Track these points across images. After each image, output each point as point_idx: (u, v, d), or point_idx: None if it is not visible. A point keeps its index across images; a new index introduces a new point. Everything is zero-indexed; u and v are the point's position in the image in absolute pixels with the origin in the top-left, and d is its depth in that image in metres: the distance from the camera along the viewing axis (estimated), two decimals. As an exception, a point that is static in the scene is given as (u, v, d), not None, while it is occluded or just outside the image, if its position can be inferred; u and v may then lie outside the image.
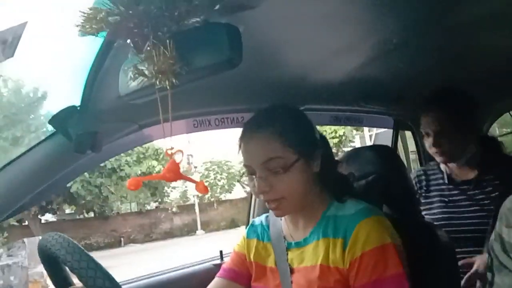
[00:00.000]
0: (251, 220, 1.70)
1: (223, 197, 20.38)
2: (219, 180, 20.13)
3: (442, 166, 1.65)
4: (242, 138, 1.05)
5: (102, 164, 14.76)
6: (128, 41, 0.76)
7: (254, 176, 1.02)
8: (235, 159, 19.68)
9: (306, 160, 1.01)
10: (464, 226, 1.51)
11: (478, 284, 1.41)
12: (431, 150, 1.56)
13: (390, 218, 1.04)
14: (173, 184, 18.43)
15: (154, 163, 16.25)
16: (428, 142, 1.57)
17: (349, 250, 0.97)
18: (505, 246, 0.74)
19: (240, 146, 1.06)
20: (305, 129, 1.06)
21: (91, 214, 17.69)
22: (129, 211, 19.06)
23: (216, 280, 1.20)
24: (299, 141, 1.01)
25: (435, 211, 1.60)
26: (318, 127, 1.13)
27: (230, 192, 20.40)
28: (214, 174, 20.12)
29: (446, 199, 1.59)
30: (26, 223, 14.77)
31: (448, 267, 1.11)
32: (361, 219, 0.98)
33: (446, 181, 1.61)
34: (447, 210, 1.57)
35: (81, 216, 17.76)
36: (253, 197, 1.77)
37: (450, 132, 1.50)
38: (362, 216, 0.98)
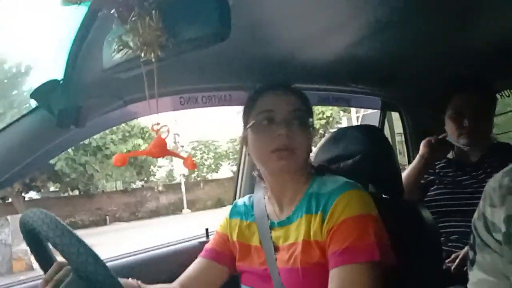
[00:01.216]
0: (237, 198, 1.71)
1: (209, 176, 20.43)
2: (206, 160, 20.14)
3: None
4: (266, 89, 1.11)
5: (86, 142, 14.64)
6: (113, 11, 0.73)
7: (275, 123, 1.05)
8: (222, 138, 19.69)
9: (313, 130, 1.11)
10: (467, 203, 1.59)
11: (455, 264, 1.46)
12: (460, 131, 1.63)
13: (376, 197, 1.04)
14: (159, 163, 18.41)
15: (140, 141, 16.13)
16: (456, 123, 1.63)
17: (327, 222, 0.98)
18: (488, 225, 0.75)
19: (258, 96, 1.11)
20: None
21: (76, 192, 17.58)
22: (114, 189, 18.99)
23: (198, 260, 1.22)
24: (311, 109, 1.14)
25: (440, 191, 1.69)
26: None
27: (217, 172, 20.45)
28: (201, 154, 20.10)
29: (451, 179, 1.70)
30: (10, 200, 14.62)
31: (431, 246, 1.13)
32: (340, 193, 1.00)
33: (453, 164, 1.71)
34: (452, 189, 1.67)
35: (66, 194, 17.64)
36: (240, 176, 1.76)
37: (485, 113, 1.61)
38: (342, 190, 1.00)
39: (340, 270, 0.93)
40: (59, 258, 0.88)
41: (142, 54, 0.71)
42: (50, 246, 0.89)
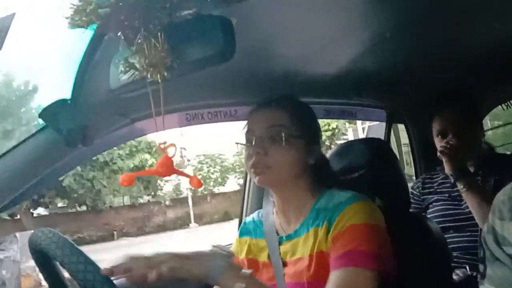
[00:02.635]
0: (244, 212, 1.70)
1: (216, 190, 20.41)
2: (212, 173, 20.15)
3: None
4: (252, 111, 1.12)
5: (94, 158, 14.72)
6: (119, 33, 0.74)
7: (252, 143, 1.06)
8: (229, 152, 19.72)
9: (307, 143, 1.07)
10: (465, 217, 1.57)
11: (456, 276, 1.44)
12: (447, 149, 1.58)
13: (382, 210, 1.04)
14: (166, 177, 18.40)
15: (147, 156, 16.20)
16: (443, 141, 1.60)
17: (332, 230, 0.99)
18: (498, 238, 0.74)
19: (248, 116, 1.12)
20: (311, 116, 1.15)
21: (84, 208, 17.61)
22: (121, 204, 19.00)
23: None
24: (305, 121, 1.09)
25: (437, 208, 1.67)
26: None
27: (224, 185, 20.44)
28: (207, 167, 20.13)
29: (447, 195, 1.67)
30: (18, 217, 14.68)
31: (439, 259, 1.12)
32: (348, 205, 1.00)
33: (450, 180, 1.64)
34: (448, 203, 1.65)
35: (74, 210, 17.67)
36: (247, 189, 1.76)
37: (469, 129, 1.58)
38: (350, 202, 1.01)
39: (337, 272, 0.93)
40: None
41: (148, 75, 0.72)
42: (58, 265, 0.90)
